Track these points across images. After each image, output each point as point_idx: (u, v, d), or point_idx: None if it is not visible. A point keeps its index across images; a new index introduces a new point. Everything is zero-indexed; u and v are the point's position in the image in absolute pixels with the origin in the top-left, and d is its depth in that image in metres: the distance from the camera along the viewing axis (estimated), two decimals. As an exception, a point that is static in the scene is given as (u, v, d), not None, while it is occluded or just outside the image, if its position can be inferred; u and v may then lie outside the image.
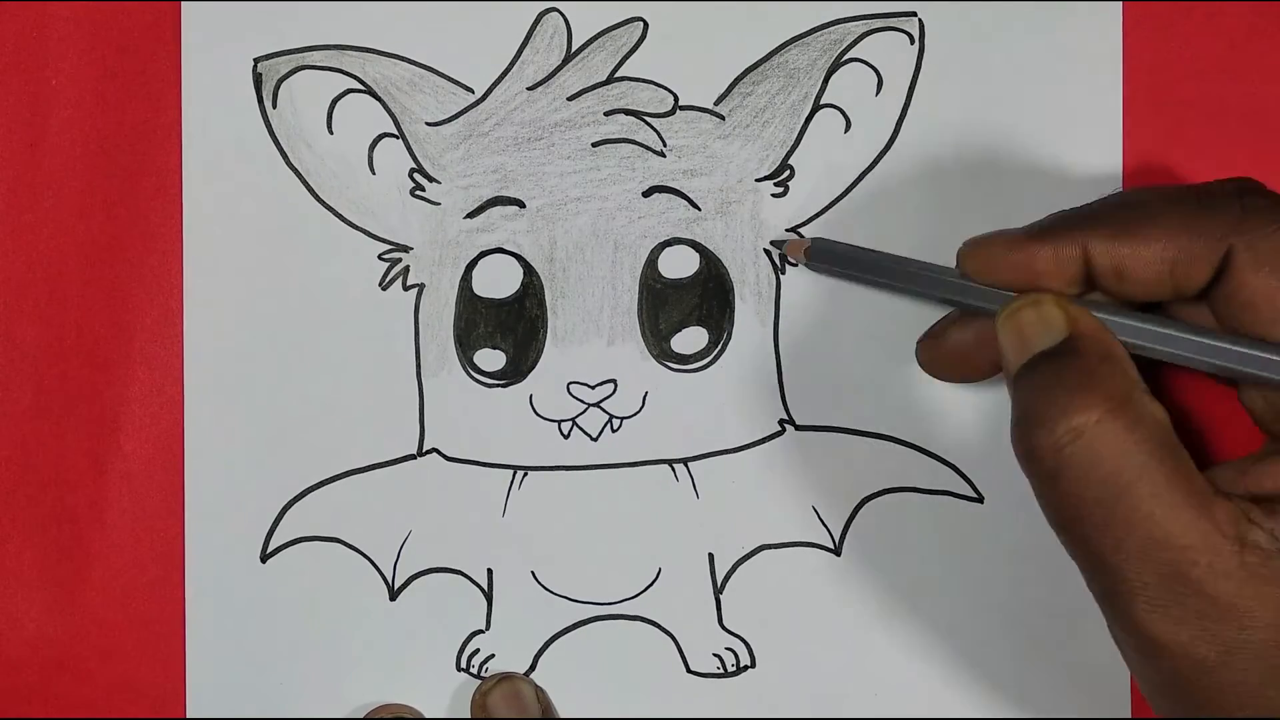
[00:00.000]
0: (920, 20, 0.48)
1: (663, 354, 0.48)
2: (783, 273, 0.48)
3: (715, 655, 0.49)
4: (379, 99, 0.48)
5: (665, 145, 0.48)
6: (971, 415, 0.48)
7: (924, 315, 0.48)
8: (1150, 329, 0.41)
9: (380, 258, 0.48)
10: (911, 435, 0.48)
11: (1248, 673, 0.38)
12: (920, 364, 0.47)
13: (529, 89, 0.48)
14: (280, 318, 0.48)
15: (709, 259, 0.48)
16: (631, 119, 0.48)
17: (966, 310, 0.44)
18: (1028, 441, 0.39)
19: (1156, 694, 0.40)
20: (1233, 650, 0.38)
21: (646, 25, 0.48)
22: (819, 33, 0.48)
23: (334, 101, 0.48)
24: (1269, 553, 0.38)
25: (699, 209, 0.48)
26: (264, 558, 0.49)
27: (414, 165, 0.48)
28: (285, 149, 0.48)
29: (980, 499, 0.48)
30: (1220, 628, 0.38)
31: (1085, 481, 0.38)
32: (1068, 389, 0.39)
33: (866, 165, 0.48)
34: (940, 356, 0.46)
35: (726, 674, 0.49)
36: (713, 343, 0.48)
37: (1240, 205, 0.40)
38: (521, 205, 0.48)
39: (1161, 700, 0.40)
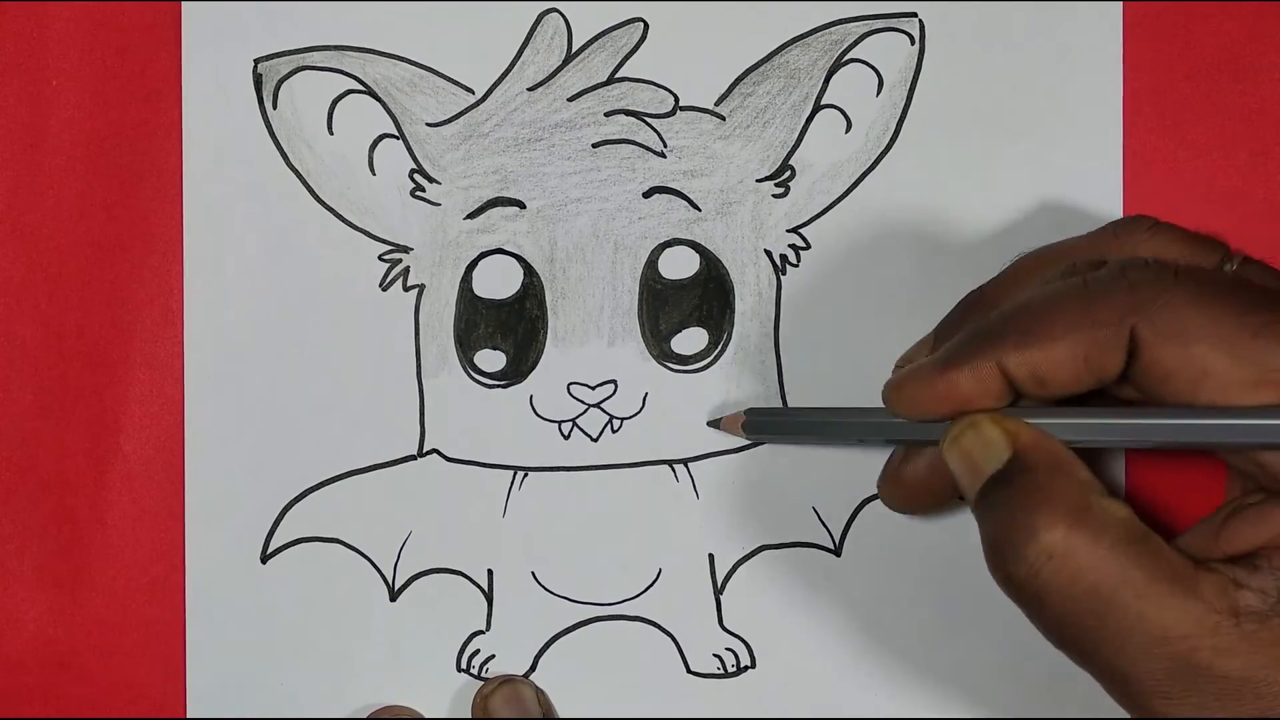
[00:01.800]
0: (921, 21, 0.48)
1: (663, 354, 0.48)
2: (783, 273, 0.48)
3: (715, 656, 0.49)
4: (379, 99, 0.48)
5: (665, 146, 0.48)
6: (972, 416, 0.48)
7: (924, 315, 0.48)
8: (1089, 423, 0.41)
9: (380, 258, 0.48)
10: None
11: None
12: (885, 504, 0.46)
13: (529, 90, 0.48)
14: (280, 318, 0.48)
15: (709, 260, 0.48)
16: (632, 120, 0.48)
17: (913, 445, 0.44)
18: (1003, 571, 0.39)
19: None
20: (1262, 716, 0.38)
21: (647, 26, 0.48)
22: (820, 33, 0.48)
23: (334, 102, 0.48)
24: (1264, 614, 0.38)
25: (699, 210, 0.48)
26: (264, 558, 0.49)
27: (414, 166, 0.48)
28: (285, 149, 0.48)
29: (980, 499, 0.48)
30: (1240, 704, 0.38)
31: (1069, 599, 0.38)
32: (1026, 512, 0.39)
33: (867, 166, 0.48)
34: (901, 494, 0.45)
35: (726, 674, 0.49)
36: (713, 343, 0.48)
37: (1126, 283, 0.39)
38: (522, 206, 0.48)
39: None
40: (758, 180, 0.48)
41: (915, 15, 0.48)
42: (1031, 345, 0.39)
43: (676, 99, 0.48)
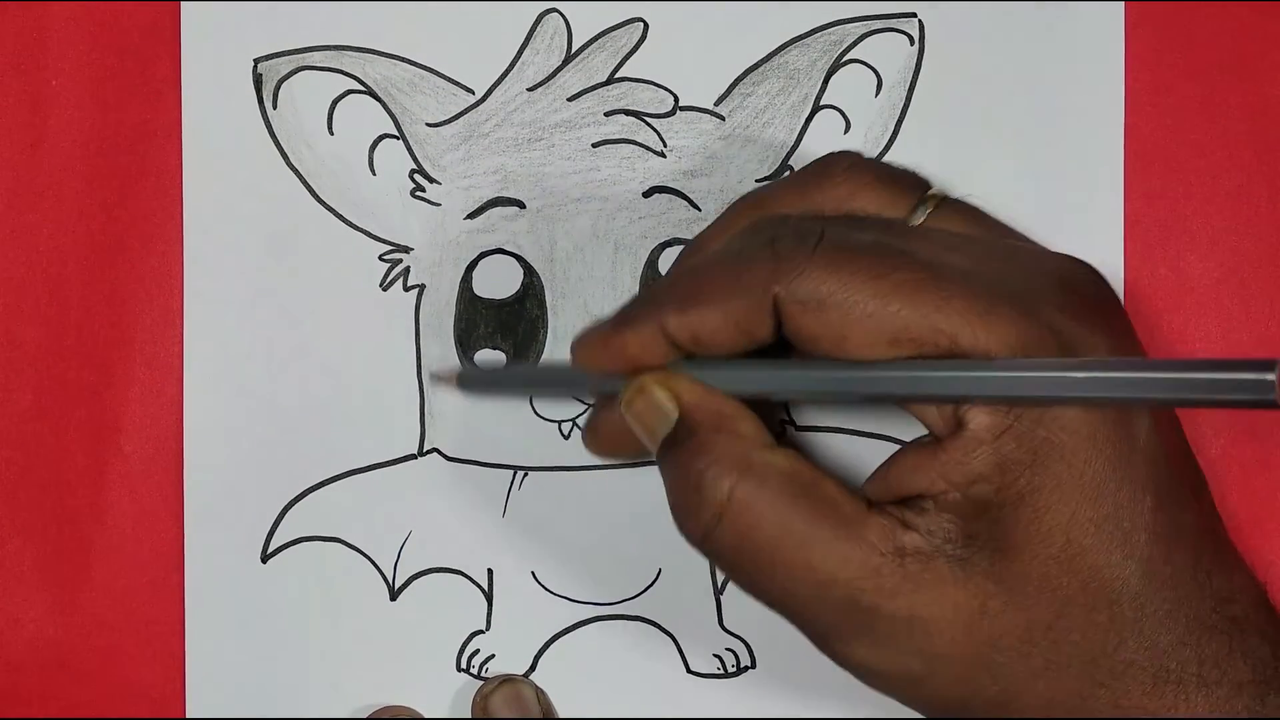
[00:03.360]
0: (920, 21, 0.48)
1: (663, 354, 0.48)
2: (783, 273, 0.48)
3: (716, 656, 0.49)
4: (379, 100, 0.48)
5: (665, 146, 0.48)
6: (972, 416, 0.48)
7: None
8: (745, 374, 0.41)
9: (381, 258, 0.48)
10: (911, 436, 0.48)
11: (958, 672, 0.39)
12: (590, 452, 0.46)
13: (529, 90, 0.48)
14: (280, 318, 0.48)
15: (709, 260, 0.48)
16: (632, 119, 0.48)
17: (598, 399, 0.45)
18: (684, 531, 0.40)
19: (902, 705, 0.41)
20: (933, 658, 0.39)
21: (647, 26, 0.48)
22: (819, 34, 0.48)
23: (334, 102, 0.48)
24: (928, 554, 0.38)
25: (699, 210, 0.48)
26: (264, 558, 0.49)
27: (414, 166, 0.48)
28: (285, 150, 0.48)
29: (980, 500, 0.48)
30: (912, 641, 0.39)
31: (742, 553, 0.39)
32: (694, 473, 0.40)
33: (867, 166, 0.48)
34: (602, 443, 0.45)
35: (727, 674, 0.49)
36: (713, 343, 0.48)
37: (772, 252, 0.39)
38: (522, 206, 0.48)
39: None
40: (757, 180, 0.48)
41: (914, 16, 0.48)
42: (688, 310, 0.40)
43: (676, 99, 0.48)
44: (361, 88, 0.48)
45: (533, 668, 0.49)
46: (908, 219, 0.42)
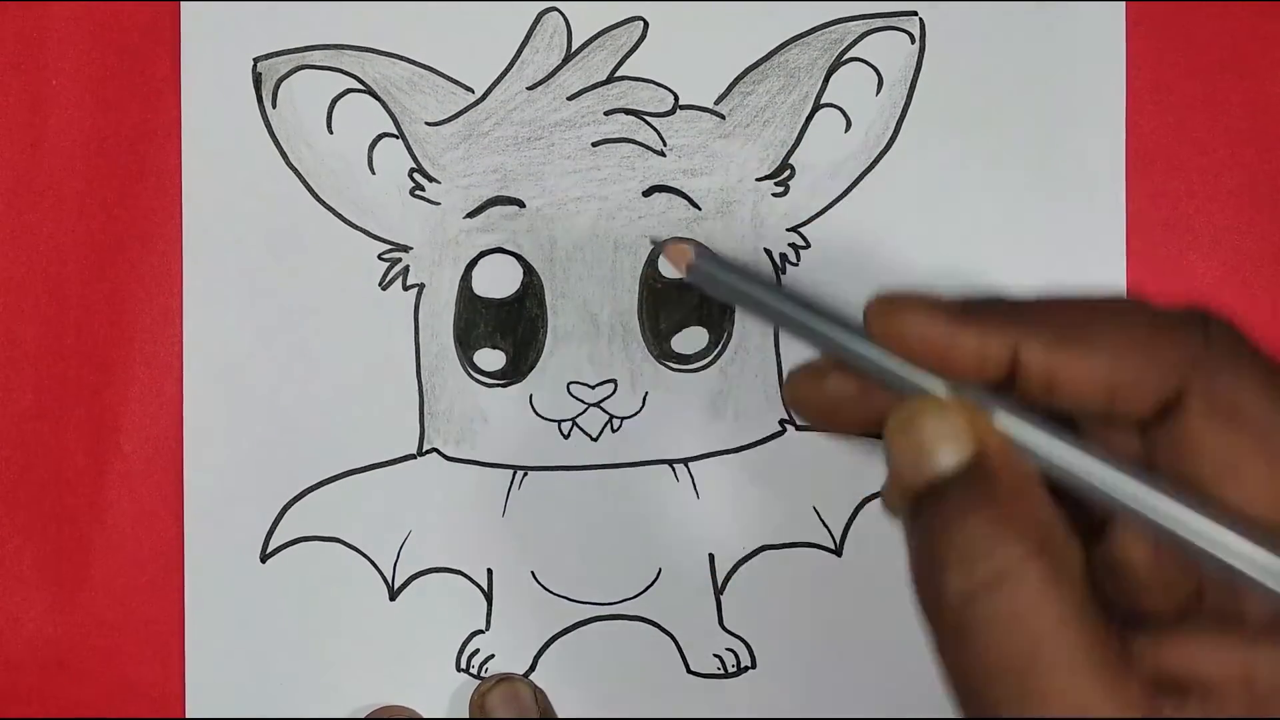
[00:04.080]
0: (921, 19, 0.48)
1: (663, 354, 0.48)
2: (783, 272, 0.48)
3: (716, 656, 0.49)
4: (379, 99, 0.48)
5: (665, 145, 0.48)
6: (972, 415, 0.48)
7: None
8: (1076, 456, 0.33)
9: (380, 257, 0.48)
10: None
11: None
12: (785, 400, 0.41)
13: (529, 88, 0.48)
14: (280, 318, 0.48)
15: (709, 259, 0.48)
16: (631, 118, 0.48)
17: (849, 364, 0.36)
18: (935, 586, 0.32)
19: None
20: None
21: (646, 24, 0.48)
22: (819, 32, 0.48)
23: (334, 101, 0.48)
24: None
25: (699, 209, 0.48)
26: (264, 558, 0.49)
27: (414, 165, 0.48)
28: (285, 149, 0.48)
29: (981, 499, 0.48)
30: None
31: (998, 639, 0.32)
32: (978, 527, 0.32)
33: (867, 165, 0.48)
34: (814, 400, 0.36)
35: (727, 674, 0.49)
36: (713, 342, 0.48)
37: (1205, 335, 0.33)
38: (521, 205, 0.48)
39: None
40: (757, 179, 0.48)
41: (915, 14, 0.48)
42: (1066, 344, 0.33)
43: (676, 98, 0.48)
44: (361, 87, 0.48)
45: (532, 668, 0.49)
46: None
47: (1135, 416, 0.33)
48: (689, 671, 0.49)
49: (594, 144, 0.48)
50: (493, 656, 0.49)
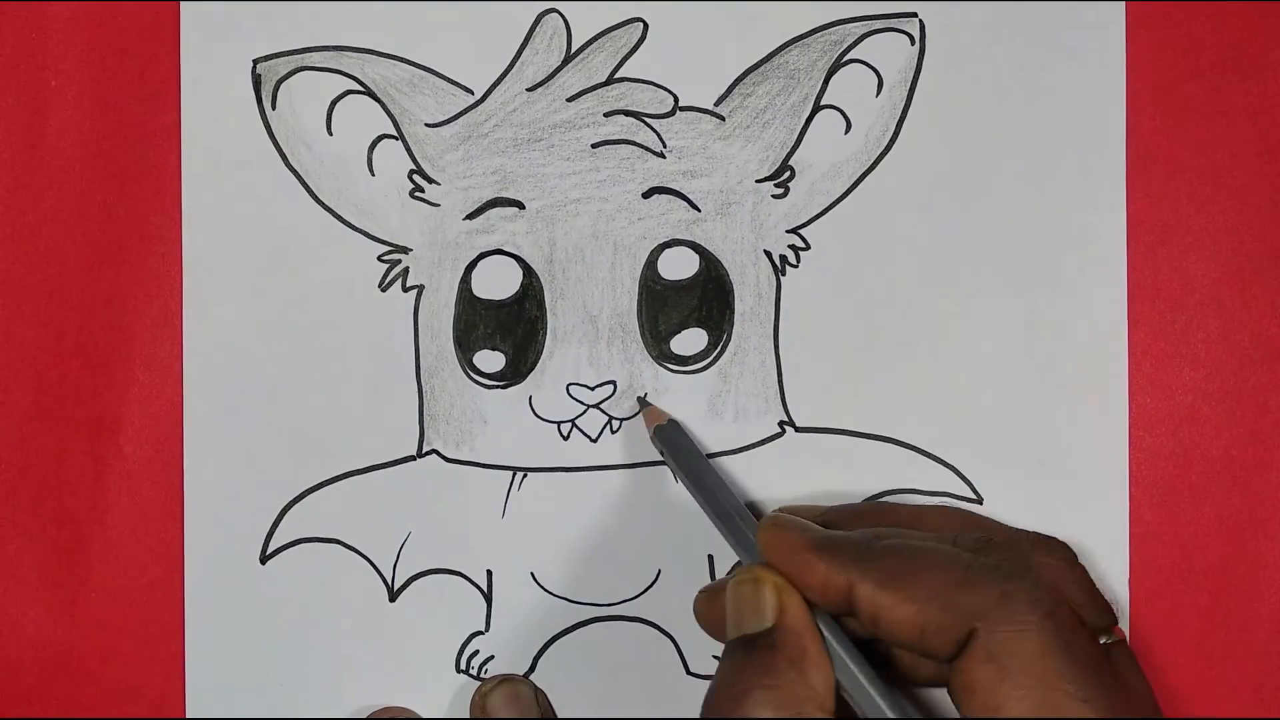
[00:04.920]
0: (921, 21, 0.48)
1: (662, 355, 0.48)
2: (783, 274, 0.48)
3: (715, 656, 0.49)
4: (378, 100, 0.48)
5: (665, 146, 0.48)
6: (971, 416, 0.48)
7: (923, 316, 0.48)
8: (861, 678, 0.41)
9: (380, 259, 0.48)
10: (911, 437, 0.48)
11: None
12: (695, 614, 0.46)
13: (528, 90, 0.48)
14: (280, 318, 0.48)
15: (709, 260, 0.48)
16: (631, 120, 0.48)
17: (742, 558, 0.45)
18: (705, 710, 0.41)
19: None
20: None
21: (646, 26, 0.48)
22: (819, 33, 0.48)
23: (333, 102, 0.48)
24: None
25: (699, 210, 0.48)
26: (264, 559, 0.49)
27: (413, 166, 0.48)
28: (284, 150, 0.48)
29: (980, 499, 0.48)
30: None
31: None
32: (748, 683, 0.40)
33: (867, 166, 0.48)
34: (710, 612, 0.45)
35: (726, 675, 0.49)
36: (712, 344, 0.48)
37: (1000, 591, 0.39)
38: (521, 206, 0.48)
39: None
40: (757, 181, 0.48)
41: (915, 15, 0.48)
42: (888, 589, 0.40)
43: (676, 99, 0.48)
44: (360, 88, 0.48)
45: (532, 668, 0.49)
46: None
47: (941, 657, 0.40)
48: (689, 672, 0.49)
49: (593, 145, 0.48)
50: (492, 658, 0.49)
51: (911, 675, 0.44)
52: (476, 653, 0.49)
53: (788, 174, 0.48)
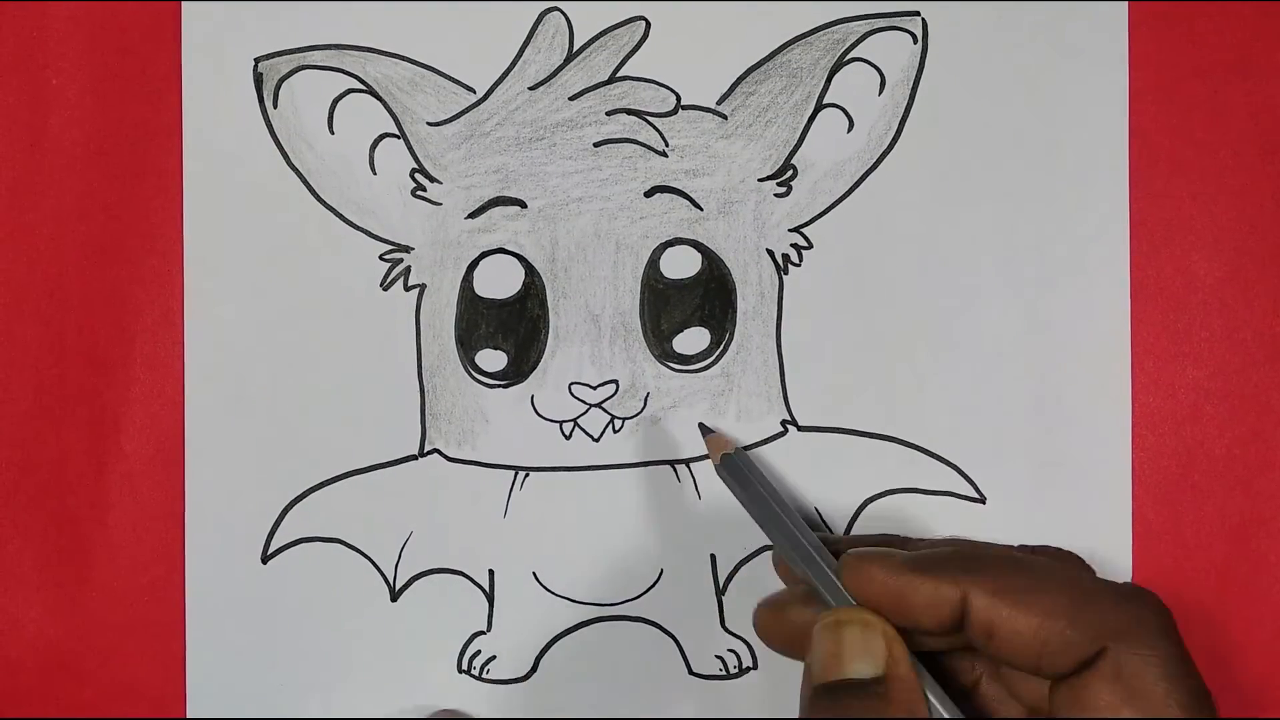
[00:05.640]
0: (923, 20, 0.48)
1: (664, 354, 0.48)
2: (785, 273, 0.48)
3: (717, 657, 0.49)
4: (380, 99, 0.48)
5: (667, 145, 0.48)
6: (973, 416, 0.48)
7: (926, 314, 0.48)
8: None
9: (381, 258, 0.48)
10: (913, 436, 0.48)
11: None
12: (754, 627, 0.45)
13: (530, 89, 0.48)
14: (280, 318, 0.48)
15: (711, 259, 0.48)
16: (633, 119, 0.48)
17: (817, 594, 0.43)
18: None
19: None
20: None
21: (649, 24, 0.48)
22: (822, 32, 0.48)
23: (335, 101, 0.48)
24: None
25: (701, 209, 0.48)
26: (265, 558, 0.48)
27: (415, 165, 0.48)
28: (286, 149, 0.48)
29: (982, 499, 0.48)
30: None
31: None
32: None
33: (869, 165, 0.48)
34: (776, 627, 0.44)
35: (729, 675, 0.49)
36: (715, 343, 0.48)
37: (1133, 614, 0.39)
38: (523, 205, 0.48)
39: None
40: (760, 179, 0.48)
41: (918, 14, 0.48)
42: (1008, 599, 0.39)
43: (678, 98, 0.48)
44: (362, 87, 0.48)
45: (534, 668, 0.49)
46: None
47: (1059, 673, 0.39)
48: (691, 672, 0.49)
49: (596, 144, 0.48)
50: (494, 658, 0.49)
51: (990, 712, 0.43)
52: (479, 653, 0.49)
53: (790, 173, 0.48)
